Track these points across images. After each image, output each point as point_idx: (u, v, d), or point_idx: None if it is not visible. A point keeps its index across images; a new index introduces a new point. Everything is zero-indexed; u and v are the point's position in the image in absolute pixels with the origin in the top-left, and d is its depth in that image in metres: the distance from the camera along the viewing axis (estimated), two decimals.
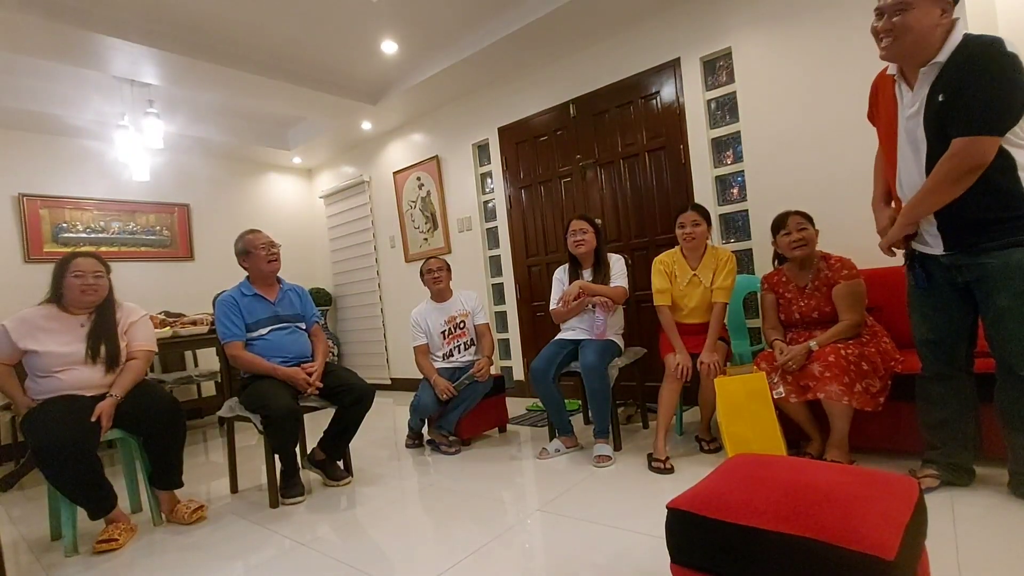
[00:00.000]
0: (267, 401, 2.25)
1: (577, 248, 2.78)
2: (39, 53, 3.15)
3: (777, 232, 2.30)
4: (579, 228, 2.78)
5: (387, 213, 5.18)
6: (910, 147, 1.65)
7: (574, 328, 2.79)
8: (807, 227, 2.23)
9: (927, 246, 1.71)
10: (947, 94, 1.53)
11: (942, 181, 1.55)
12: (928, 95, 1.57)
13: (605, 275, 2.75)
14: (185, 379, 4.09)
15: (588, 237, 2.76)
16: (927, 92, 1.58)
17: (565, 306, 2.73)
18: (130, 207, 4.63)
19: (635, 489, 2.11)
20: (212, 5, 3.08)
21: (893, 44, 1.57)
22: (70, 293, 2.15)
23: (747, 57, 3.01)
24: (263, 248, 2.54)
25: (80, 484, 1.97)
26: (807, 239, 2.22)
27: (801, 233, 2.22)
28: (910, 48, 1.56)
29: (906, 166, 1.68)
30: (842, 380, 1.93)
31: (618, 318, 2.80)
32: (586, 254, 2.79)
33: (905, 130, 1.66)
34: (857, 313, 2.12)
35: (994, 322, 1.61)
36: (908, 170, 1.68)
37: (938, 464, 1.81)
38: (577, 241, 2.77)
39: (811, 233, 2.23)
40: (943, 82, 1.54)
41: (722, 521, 1.07)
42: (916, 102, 1.61)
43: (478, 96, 4.30)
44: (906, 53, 1.58)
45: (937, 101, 1.55)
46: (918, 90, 1.60)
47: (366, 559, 1.76)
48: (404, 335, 4.94)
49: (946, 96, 1.53)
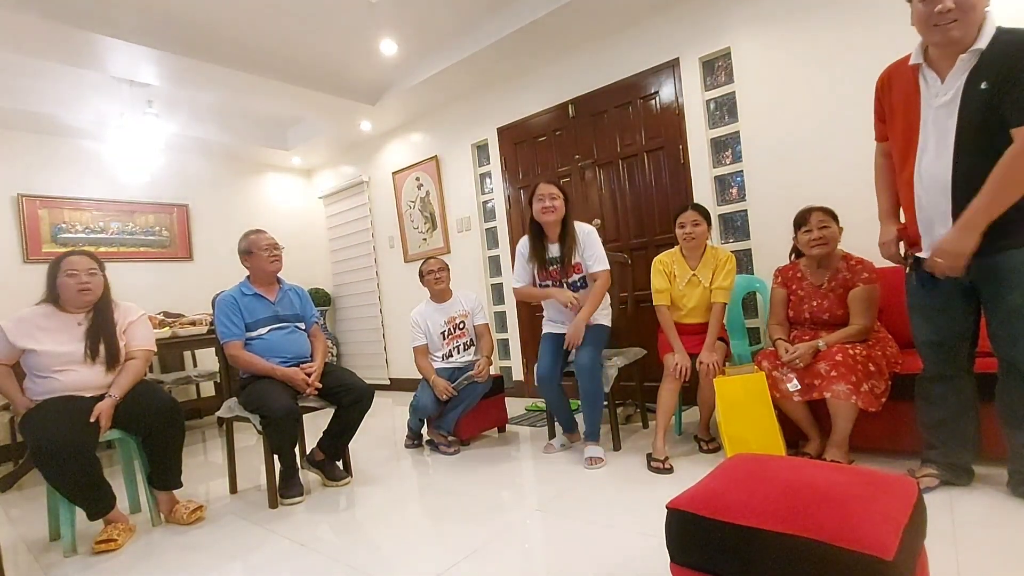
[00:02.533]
0: (266, 401, 2.25)
1: (545, 215, 2.51)
2: (38, 53, 3.15)
3: (799, 228, 2.23)
4: (547, 193, 2.52)
5: (386, 213, 5.18)
6: (936, 139, 1.58)
7: (558, 323, 2.66)
8: (829, 225, 2.16)
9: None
10: (993, 82, 1.46)
11: (1019, 174, 1.44)
12: (966, 83, 1.50)
13: (571, 249, 2.54)
14: (184, 379, 4.09)
15: (558, 204, 2.52)
16: (964, 80, 1.51)
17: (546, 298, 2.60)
18: (129, 207, 4.63)
19: (634, 489, 2.11)
20: (211, 5, 3.08)
21: (959, 25, 1.47)
22: (66, 292, 2.15)
23: (746, 57, 3.01)
24: (266, 249, 2.54)
25: (79, 484, 1.96)
26: (828, 238, 2.15)
27: (822, 231, 2.15)
28: (971, 29, 1.48)
29: (929, 157, 1.60)
30: (849, 379, 1.92)
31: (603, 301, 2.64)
32: (554, 223, 2.55)
33: (932, 118, 1.58)
34: (869, 319, 2.10)
35: (1003, 321, 1.58)
36: (930, 161, 1.60)
37: (937, 464, 1.81)
38: (546, 208, 2.50)
39: (833, 231, 2.16)
40: (986, 69, 1.47)
41: (721, 521, 1.07)
42: (950, 90, 1.54)
43: (477, 96, 4.30)
44: (967, 35, 1.49)
45: (979, 89, 1.48)
46: (952, 78, 1.53)
47: (365, 559, 1.76)
48: (403, 335, 4.94)
49: (992, 84, 1.46)
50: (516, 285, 2.72)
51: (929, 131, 1.60)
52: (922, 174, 1.63)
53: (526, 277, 2.70)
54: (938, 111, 1.57)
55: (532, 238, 2.63)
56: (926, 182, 1.62)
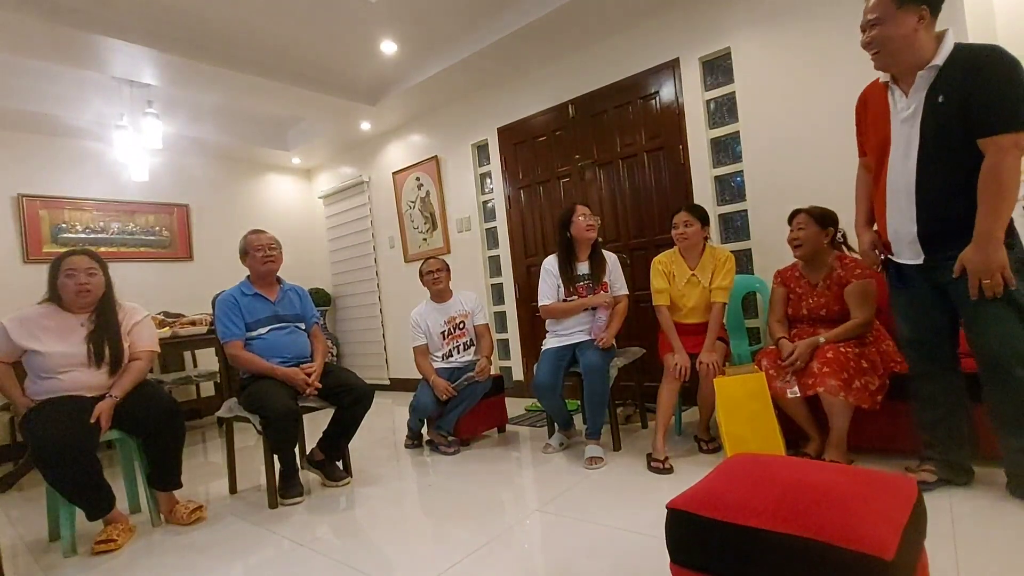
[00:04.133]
0: (266, 402, 2.25)
1: (589, 232, 2.68)
2: (38, 54, 3.15)
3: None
4: (587, 213, 2.71)
5: (386, 213, 5.18)
6: (902, 150, 1.69)
7: (570, 331, 2.69)
8: (805, 226, 2.23)
9: (903, 257, 1.76)
10: (949, 96, 1.57)
11: (1009, 180, 1.51)
12: (926, 97, 1.61)
13: (602, 271, 2.70)
14: (184, 379, 4.09)
15: (596, 223, 2.72)
16: (924, 94, 1.62)
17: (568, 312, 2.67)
18: (129, 208, 4.63)
19: (634, 489, 2.11)
20: (211, 6, 3.08)
21: (879, 56, 1.67)
22: (66, 294, 2.14)
23: (746, 57, 3.01)
24: (260, 249, 2.54)
25: (79, 485, 1.96)
26: (802, 239, 2.23)
27: (799, 233, 2.24)
28: (896, 56, 1.64)
29: (895, 169, 1.72)
30: (840, 376, 1.93)
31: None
32: (589, 241, 2.73)
33: (899, 134, 1.70)
34: (867, 312, 2.13)
35: (972, 317, 1.64)
36: (897, 172, 1.71)
37: (935, 461, 1.82)
38: (590, 225, 2.69)
39: (809, 233, 2.23)
40: (942, 84, 1.58)
41: (721, 521, 1.07)
42: (912, 104, 1.65)
43: (477, 96, 4.30)
44: (895, 61, 1.65)
45: (936, 102, 1.60)
46: (914, 93, 1.65)
47: (365, 559, 1.76)
48: (403, 335, 4.94)
49: (948, 98, 1.57)
50: (544, 303, 2.75)
51: (897, 143, 1.71)
52: (891, 183, 1.74)
53: (553, 294, 2.75)
54: (903, 124, 1.69)
55: (563, 255, 2.74)
56: (893, 189, 1.74)
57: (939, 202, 1.63)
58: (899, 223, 1.73)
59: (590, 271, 2.72)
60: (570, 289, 2.71)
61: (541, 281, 2.77)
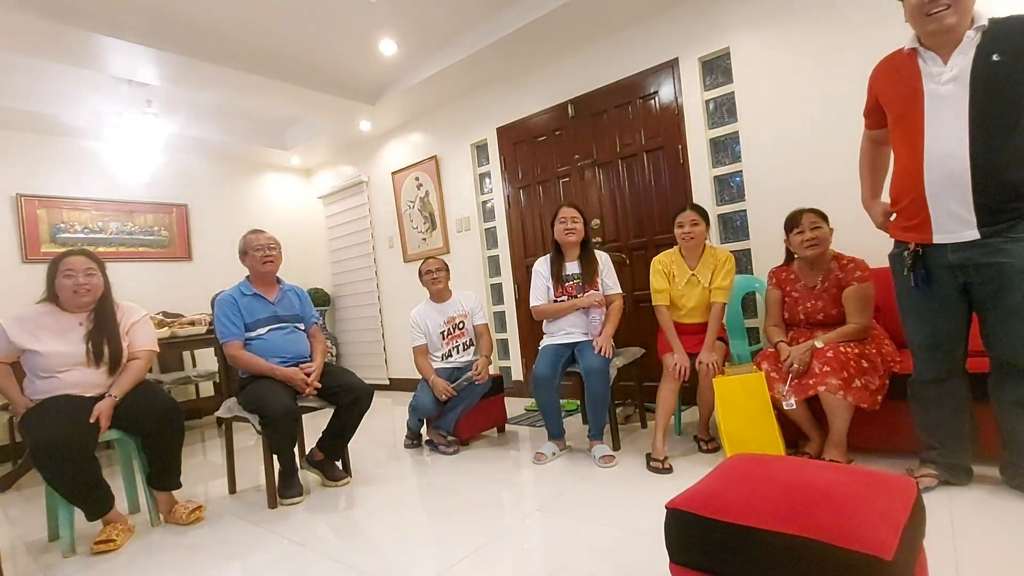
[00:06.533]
0: (265, 401, 2.25)
1: (567, 236, 2.71)
2: (37, 53, 3.14)
3: (790, 230, 2.25)
4: (570, 216, 2.72)
5: (385, 213, 5.18)
6: (947, 114, 1.58)
7: (566, 330, 2.71)
8: (820, 225, 2.18)
9: (950, 233, 1.62)
10: (1007, 54, 1.51)
11: None
12: (976, 57, 1.54)
13: (593, 271, 2.71)
14: (183, 379, 4.08)
15: (579, 227, 2.73)
16: (972, 55, 1.55)
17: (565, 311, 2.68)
18: (128, 207, 4.62)
19: (634, 489, 2.11)
20: (210, 5, 3.08)
21: (953, 11, 1.53)
22: (63, 294, 2.14)
23: (745, 57, 3.01)
24: (259, 249, 2.54)
25: (78, 484, 1.96)
26: (820, 239, 2.17)
27: (815, 232, 2.17)
28: (965, 15, 1.55)
29: (940, 133, 1.59)
30: (840, 375, 1.93)
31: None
32: (574, 244, 2.75)
33: (938, 97, 1.60)
34: (866, 317, 2.10)
35: (1001, 320, 1.60)
36: (942, 137, 1.59)
37: (936, 464, 1.81)
38: (568, 229, 2.71)
39: (825, 232, 2.18)
40: (994, 43, 1.53)
41: (721, 521, 1.07)
42: (955, 67, 1.57)
43: (477, 96, 4.30)
44: (961, 21, 1.55)
45: (991, 61, 1.52)
46: (958, 56, 1.57)
47: (365, 559, 1.76)
48: (403, 335, 4.94)
49: (1005, 56, 1.51)
50: (536, 304, 2.80)
51: (937, 108, 1.60)
52: (933, 156, 1.61)
53: (544, 295, 2.78)
54: (943, 88, 1.59)
55: (554, 257, 2.80)
56: (938, 163, 1.60)
57: (999, 165, 1.52)
58: (944, 194, 1.60)
59: (580, 271, 2.73)
60: (559, 290, 2.74)
61: (532, 282, 2.83)
